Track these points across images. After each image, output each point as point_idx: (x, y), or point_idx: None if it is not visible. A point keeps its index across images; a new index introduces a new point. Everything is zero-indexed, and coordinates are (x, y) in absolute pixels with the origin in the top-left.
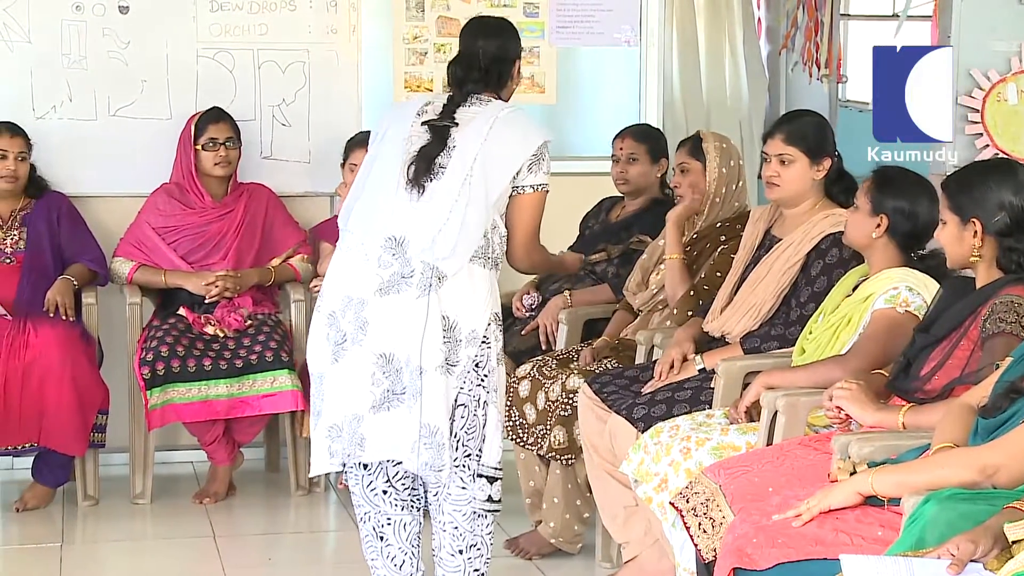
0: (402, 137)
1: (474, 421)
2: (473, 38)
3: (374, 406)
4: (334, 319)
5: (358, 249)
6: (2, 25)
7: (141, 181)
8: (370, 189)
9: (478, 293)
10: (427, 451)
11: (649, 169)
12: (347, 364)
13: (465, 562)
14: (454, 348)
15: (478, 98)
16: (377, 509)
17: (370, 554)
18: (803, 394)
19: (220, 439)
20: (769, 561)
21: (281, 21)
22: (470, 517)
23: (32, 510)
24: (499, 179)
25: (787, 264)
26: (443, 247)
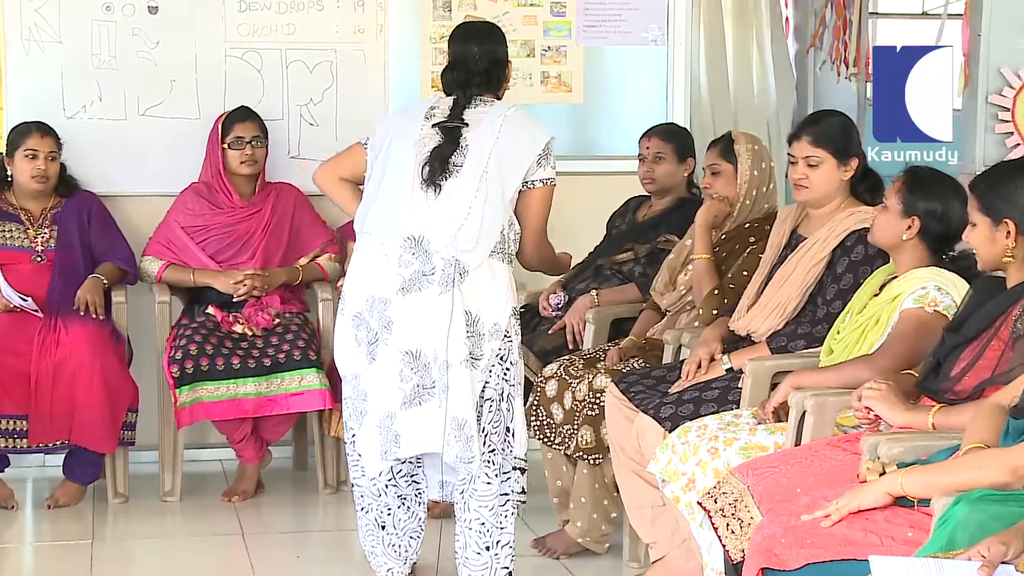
0: (413, 140)
1: (499, 416)
2: (466, 44)
3: (405, 402)
4: (360, 319)
5: (378, 250)
6: (33, 26)
7: (170, 180)
8: (385, 192)
9: (499, 287)
10: (457, 443)
11: (676, 168)
12: (381, 363)
13: (492, 559)
14: (477, 342)
15: (482, 100)
16: (378, 500)
17: (370, 542)
18: (831, 394)
19: (248, 437)
20: (798, 561)
21: (309, 21)
22: (496, 512)
23: (63, 507)
24: (513, 175)
25: (812, 262)
26: (465, 241)
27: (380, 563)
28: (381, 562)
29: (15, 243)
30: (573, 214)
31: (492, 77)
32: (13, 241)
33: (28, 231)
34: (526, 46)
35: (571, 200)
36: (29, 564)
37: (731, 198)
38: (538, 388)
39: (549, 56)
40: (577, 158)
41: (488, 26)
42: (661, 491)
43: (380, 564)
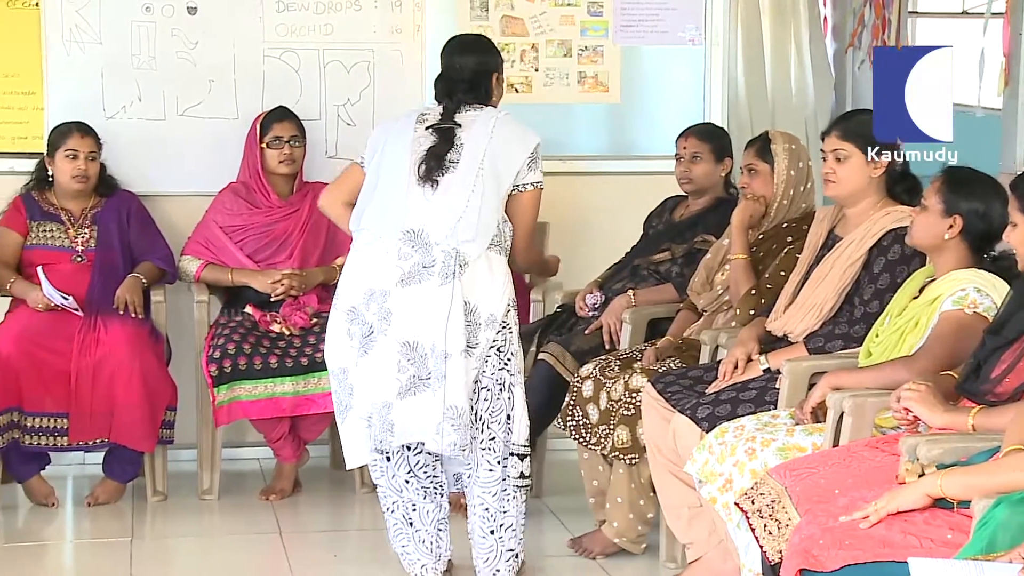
0: (407, 142)
1: (498, 403)
2: (451, 56)
3: (400, 392)
4: (355, 314)
5: (376, 244)
6: (74, 27)
7: (209, 180)
8: (381, 191)
9: (496, 279)
10: (454, 432)
11: (713, 168)
12: (375, 355)
13: (497, 542)
14: (474, 331)
15: (470, 106)
16: (403, 497)
17: (400, 541)
18: (870, 395)
19: (286, 436)
20: (836, 563)
21: (346, 21)
22: (499, 497)
23: (103, 505)
24: (506, 174)
25: (849, 262)
26: (465, 232)
27: (413, 560)
28: (414, 559)
29: (56, 243)
30: (610, 214)
31: (477, 86)
32: (54, 241)
33: (68, 231)
34: (563, 46)
35: (608, 200)
36: (69, 561)
37: (767, 198)
38: (574, 388)
39: (586, 56)
40: (614, 158)
41: (475, 38)
42: (698, 492)
43: (413, 562)
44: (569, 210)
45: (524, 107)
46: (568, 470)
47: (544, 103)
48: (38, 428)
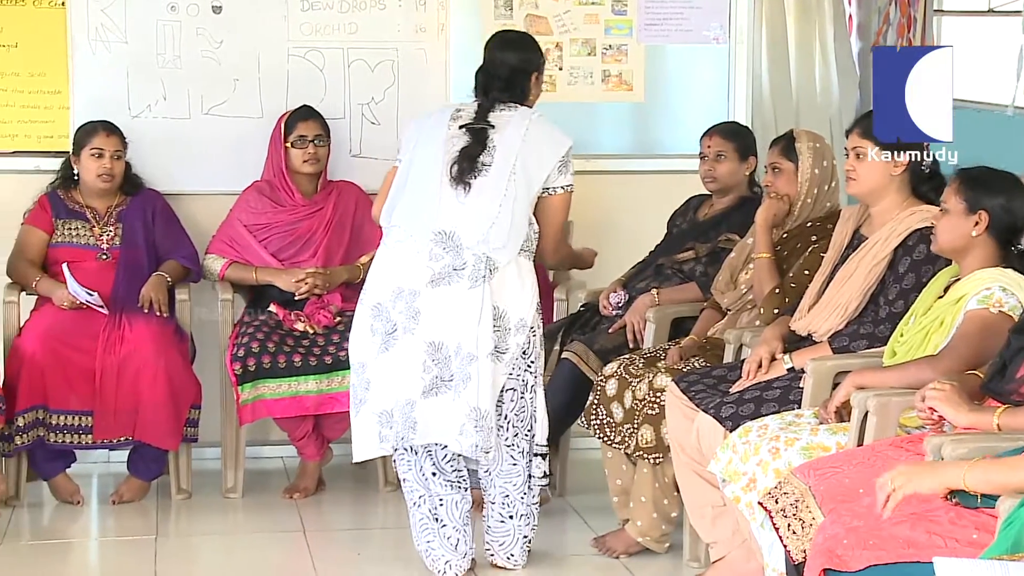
0: (440, 140)
1: (523, 404)
2: (493, 51)
3: (424, 392)
4: (380, 310)
5: (407, 243)
6: (100, 26)
7: (233, 179)
8: (412, 188)
9: (525, 283)
10: (477, 434)
11: (737, 167)
12: (398, 352)
13: (514, 528)
14: (503, 336)
15: (505, 105)
16: (430, 492)
17: (426, 538)
18: (895, 394)
19: (310, 435)
20: (860, 563)
21: (371, 20)
22: (520, 488)
23: (127, 503)
24: (537, 177)
25: (874, 261)
26: (497, 238)
27: (438, 556)
28: (439, 555)
29: (81, 241)
30: (634, 213)
31: (514, 84)
32: (79, 239)
33: (93, 229)
34: (587, 44)
35: (632, 199)
36: (94, 559)
37: (791, 196)
38: (598, 387)
39: (610, 55)
40: (638, 157)
41: (520, 36)
42: (721, 491)
43: (438, 558)
44: (593, 209)
45: (548, 106)
46: (592, 469)
47: (568, 102)
48: (63, 426)
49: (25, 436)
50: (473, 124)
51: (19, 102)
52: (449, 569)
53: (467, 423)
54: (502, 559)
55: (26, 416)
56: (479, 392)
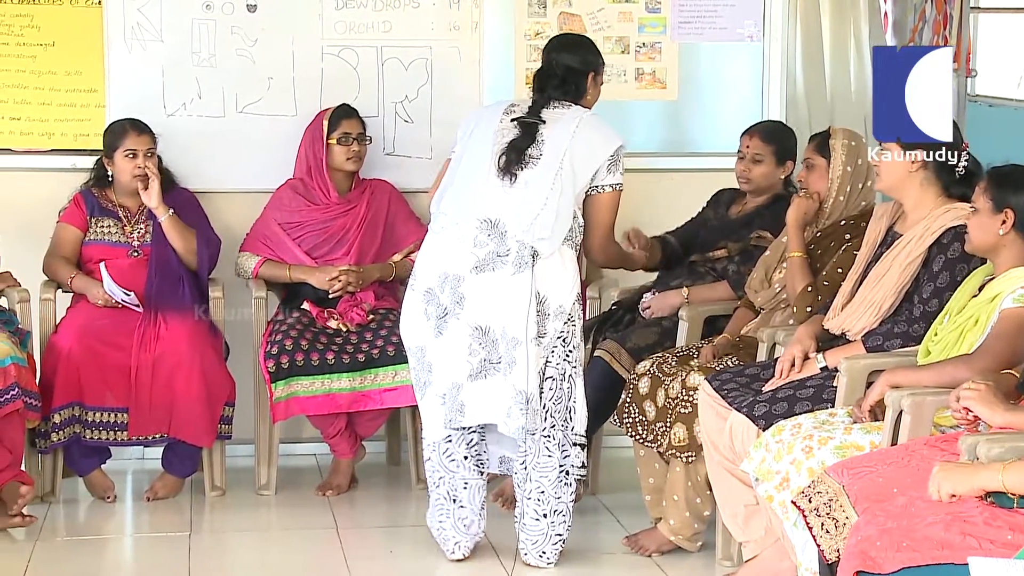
0: (491, 131)
1: (561, 393)
2: (550, 52)
3: (471, 375)
4: (431, 295)
5: (453, 230)
6: (136, 25)
7: (267, 177)
8: (462, 177)
9: (567, 272)
10: (522, 416)
11: (773, 171)
12: (449, 336)
13: (548, 526)
14: (542, 321)
15: (560, 103)
16: (454, 474)
17: (439, 518)
18: (929, 394)
19: (343, 432)
20: (894, 565)
21: (405, 18)
22: (555, 483)
23: (162, 499)
24: (584, 174)
25: (908, 259)
26: (542, 229)
27: (448, 537)
28: (449, 535)
29: (112, 239)
30: (667, 211)
31: (568, 83)
32: (111, 237)
33: (125, 227)
34: (620, 42)
35: (665, 197)
36: (129, 555)
37: (823, 193)
38: (631, 385)
39: (644, 53)
40: (671, 155)
41: (577, 38)
42: (754, 490)
43: (448, 538)
44: (626, 207)
45: None
46: (624, 467)
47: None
48: (98, 423)
49: (61, 433)
50: (525, 117)
51: (56, 100)
52: (458, 549)
53: (514, 406)
54: (534, 558)
55: (62, 413)
56: (524, 375)
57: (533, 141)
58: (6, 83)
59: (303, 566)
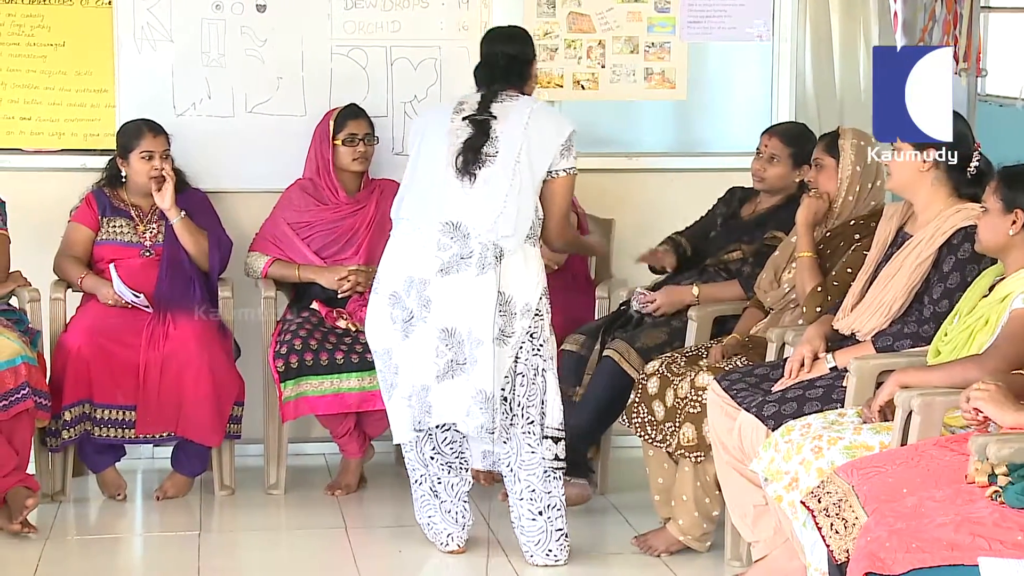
0: (443, 132)
1: (533, 388)
2: (491, 44)
3: (438, 376)
4: (397, 298)
5: (415, 235)
6: (145, 25)
7: (276, 177)
8: (419, 181)
9: (530, 269)
10: (483, 415)
11: (788, 172)
12: (416, 339)
13: (546, 523)
14: (509, 320)
15: (507, 94)
16: (428, 471)
17: (427, 512)
18: (939, 394)
19: (351, 432)
20: (903, 566)
21: (414, 18)
22: (543, 479)
23: (171, 499)
24: (541, 164)
25: (918, 260)
26: (505, 227)
27: (440, 530)
28: (440, 529)
29: (124, 238)
30: (676, 210)
31: (512, 72)
32: (123, 236)
33: (137, 227)
34: (630, 42)
35: (674, 197)
36: (139, 554)
37: (832, 193)
38: (639, 385)
39: (653, 52)
40: (680, 155)
41: (514, 29)
42: (763, 490)
43: (440, 531)
44: (635, 207)
45: (590, 104)
46: (633, 467)
47: (610, 100)
48: (108, 420)
49: (72, 430)
50: (476, 115)
51: (66, 100)
52: (451, 541)
53: (473, 405)
54: (541, 558)
55: (72, 411)
56: (484, 375)
57: (488, 139)
58: (17, 83)
59: (312, 565)
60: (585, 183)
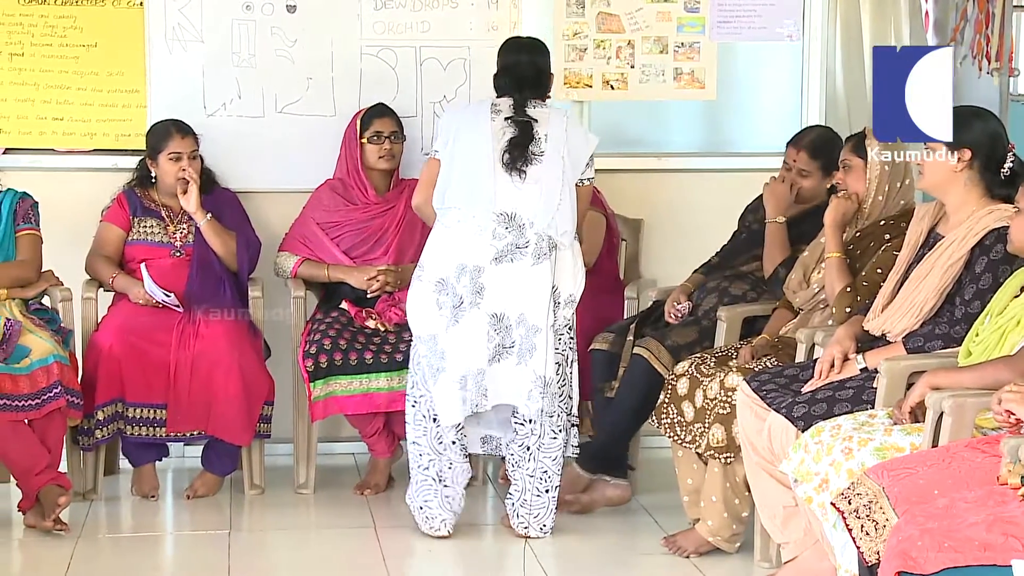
0: (484, 131)
1: (565, 377)
2: (516, 54)
3: (490, 359)
4: (445, 285)
5: (470, 223)
6: (176, 25)
7: (306, 177)
8: (464, 173)
9: (577, 262)
10: (542, 399)
11: (820, 183)
12: (466, 324)
13: (549, 500)
14: (555, 309)
15: (535, 101)
16: (441, 456)
17: (424, 497)
18: (971, 395)
19: (380, 432)
20: (935, 566)
21: (443, 18)
22: (558, 461)
23: (201, 497)
24: (576, 169)
25: (950, 261)
26: (563, 222)
27: (435, 515)
28: (435, 514)
29: (155, 238)
30: (705, 211)
31: (540, 83)
32: (153, 236)
33: (168, 227)
34: (659, 42)
35: (703, 197)
36: (169, 553)
37: (861, 194)
38: (669, 385)
39: (682, 52)
40: (709, 155)
41: (535, 40)
42: (793, 491)
43: (434, 516)
44: (664, 207)
45: (619, 104)
46: (662, 468)
47: (639, 100)
48: (139, 419)
49: (105, 429)
50: (518, 117)
51: (98, 101)
52: (443, 526)
53: (534, 390)
54: (536, 531)
55: (105, 410)
56: (544, 361)
57: (533, 139)
58: (49, 83)
59: (341, 564)
60: (614, 183)
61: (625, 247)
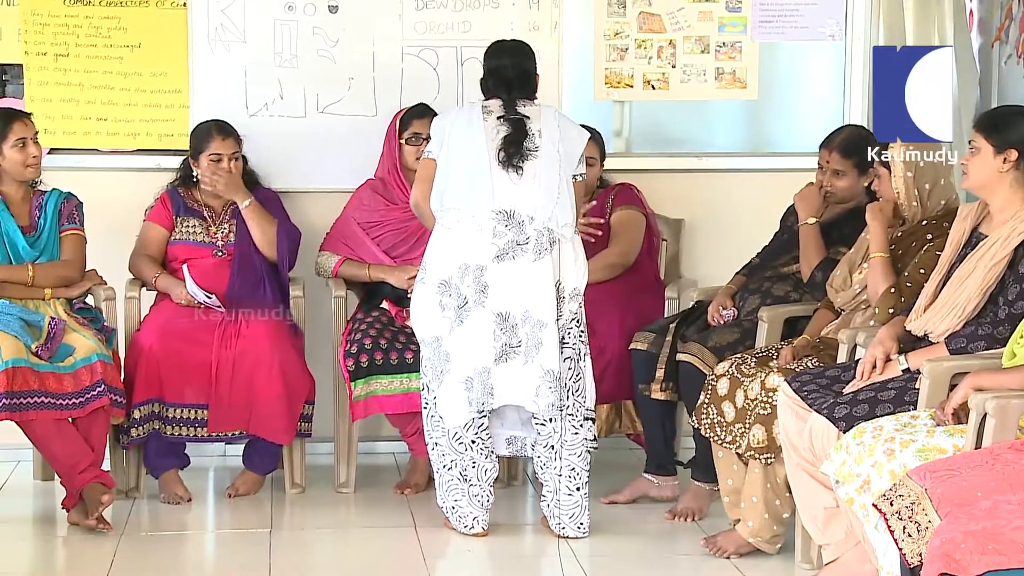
0: (477, 130)
1: (578, 371)
2: (499, 58)
3: (496, 359)
4: (448, 286)
5: (469, 223)
6: (219, 26)
7: (347, 177)
8: (460, 174)
9: (579, 256)
10: (552, 394)
11: (856, 182)
12: (471, 324)
13: (581, 498)
14: (559, 304)
15: (522, 102)
16: (462, 455)
17: (453, 497)
18: (1014, 397)
19: (421, 431)
20: (979, 568)
21: (484, 18)
22: (583, 458)
23: (243, 496)
24: (570, 163)
25: (993, 261)
26: (562, 216)
27: (466, 514)
28: (467, 512)
29: (197, 238)
30: (747, 212)
31: (528, 84)
32: (195, 236)
33: (209, 227)
34: (700, 42)
35: (745, 197)
36: (210, 551)
37: (890, 198)
38: (709, 386)
39: (724, 52)
40: (751, 155)
41: (519, 43)
42: (834, 492)
43: (466, 515)
44: (705, 207)
45: (660, 104)
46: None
47: (681, 100)
48: (178, 419)
49: (140, 429)
50: (509, 115)
51: (141, 101)
52: (476, 524)
53: (542, 385)
54: (573, 530)
55: (141, 409)
56: (550, 355)
57: (527, 135)
58: (93, 84)
59: (382, 563)
60: (655, 183)
61: (666, 247)
